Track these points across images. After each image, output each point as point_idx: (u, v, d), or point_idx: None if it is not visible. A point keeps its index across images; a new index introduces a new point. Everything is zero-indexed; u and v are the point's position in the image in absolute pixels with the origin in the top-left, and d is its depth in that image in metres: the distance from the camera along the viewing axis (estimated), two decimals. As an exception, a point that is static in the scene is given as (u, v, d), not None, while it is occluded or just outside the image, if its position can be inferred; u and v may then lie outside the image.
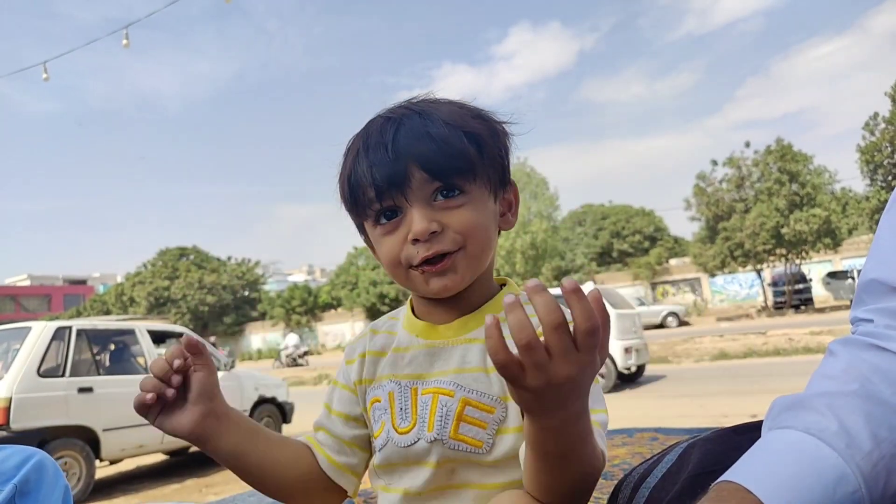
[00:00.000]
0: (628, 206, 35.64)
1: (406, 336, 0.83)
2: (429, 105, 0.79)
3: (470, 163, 0.74)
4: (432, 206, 0.74)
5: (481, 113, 0.80)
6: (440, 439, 0.75)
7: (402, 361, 0.82)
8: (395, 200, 0.74)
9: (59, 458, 4.98)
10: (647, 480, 0.63)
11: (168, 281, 35.10)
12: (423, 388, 0.79)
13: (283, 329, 35.28)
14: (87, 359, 5.61)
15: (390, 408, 0.81)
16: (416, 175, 0.72)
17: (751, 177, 22.48)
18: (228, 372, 6.67)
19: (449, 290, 0.76)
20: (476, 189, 0.75)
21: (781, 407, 0.55)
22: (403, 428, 0.78)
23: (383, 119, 0.77)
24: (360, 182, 0.75)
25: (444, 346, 0.79)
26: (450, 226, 0.73)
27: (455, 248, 0.73)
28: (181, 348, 0.75)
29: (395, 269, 0.77)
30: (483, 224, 0.75)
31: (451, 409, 0.75)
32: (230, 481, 5.53)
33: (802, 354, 10.56)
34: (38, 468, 0.83)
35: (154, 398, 0.73)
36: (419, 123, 0.74)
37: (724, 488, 0.49)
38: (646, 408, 6.47)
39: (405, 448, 0.77)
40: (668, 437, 2.43)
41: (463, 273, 0.75)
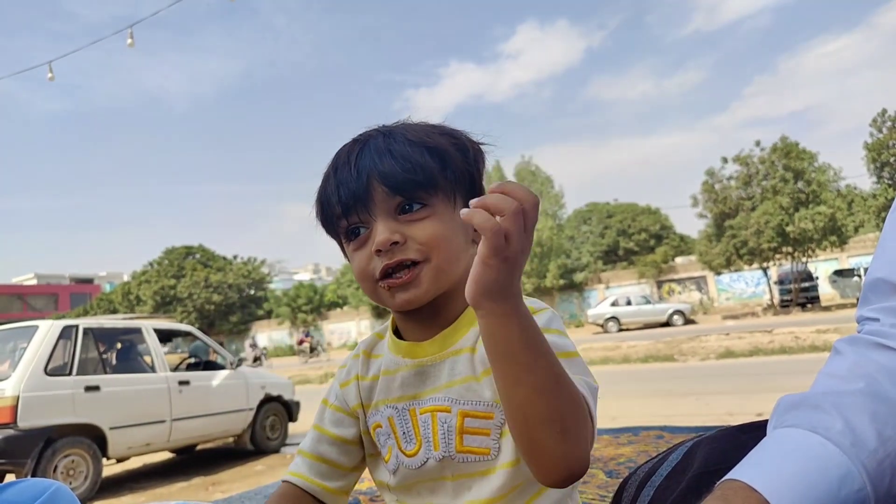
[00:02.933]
0: (634, 204, 35.52)
1: (392, 358, 0.83)
2: (397, 126, 0.82)
3: (431, 176, 0.76)
4: (397, 219, 0.76)
5: (452, 131, 0.82)
6: (448, 456, 0.77)
7: (394, 385, 0.83)
8: (361, 216, 0.77)
9: (66, 456, 5.01)
10: (653, 479, 0.63)
11: (174, 280, 35.22)
12: (420, 408, 0.80)
13: (288, 327, 35.36)
14: (93, 357, 5.64)
15: (393, 432, 0.82)
16: (378, 190, 0.75)
17: (758, 175, 22.38)
18: (235, 370, 6.69)
19: (412, 304, 0.77)
20: (440, 202, 0.77)
21: (787, 405, 0.55)
22: (410, 450, 0.80)
23: (352, 142, 0.81)
24: (329, 201, 0.79)
25: (431, 363, 0.80)
26: (413, 238, 0.75)
27: (419, 257, 0.75)
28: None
29: (364, 282, 0.79)
30: (447, 236, 0.76)
31: (451, 424, 0.77)
32: (236, 479, 5.56)
33: (808, 353, 10.51)
34: (54, 499, 0.84)
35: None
36: (382, 142, 0.77)
37: (729, 487, 0.49)
38: (651, 406, 6.45)
39: (417, 469, 0.79)
40: (674, 435, 2.43)
41: (427, 286, 0.75)
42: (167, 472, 6.30)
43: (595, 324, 23.04)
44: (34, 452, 4.81)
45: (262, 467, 6.03)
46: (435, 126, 0.83)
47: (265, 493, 2.13)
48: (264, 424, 6.82)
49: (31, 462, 4.76)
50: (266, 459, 6.42)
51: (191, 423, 6.04)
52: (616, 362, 12.32)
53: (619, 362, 12.30)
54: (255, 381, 6.90)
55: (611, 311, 23.05)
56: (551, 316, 0.77)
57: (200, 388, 6.25)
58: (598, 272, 30.72)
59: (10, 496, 0.82)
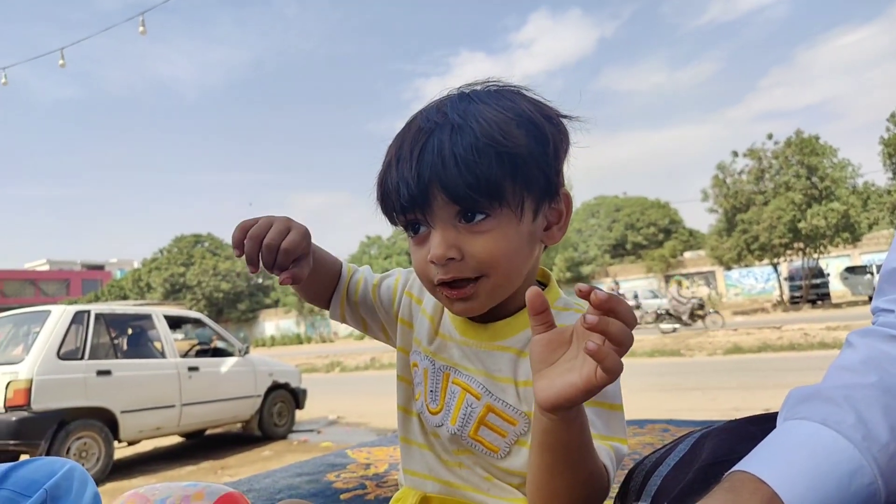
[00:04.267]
0: (643, 197, 35.33)
1: (448, 324, 0.84)
2: (471, 109, 0.72)
3: (496, 188, 0.69)
4: (456, 227, 0.71)
5: (532, 116, 0.73)
6: (459, 434, 0.79)
7: (438, 345, 0.84)
8: (418, 217, 0.73)
9: (78, 438, 5.08)
10: (660, 469, 0.63)
11: (183, 267, 35.46)
12: (454, 377, 0.81)
13: (295, 316, 35.52)
14: (105, 342, 5.70)
15: (424, 383, 0.84)
16: (437, 197, 0.70)
17: (770, 169, 22.16)
18: (243, 358, 6.74)
19: (470, 314, 0.76)
20: (504, 213, 0.71)
21: (797, 398, 0.55)
22: (433, 408, 0.82)
23: (417, 128, 0.74)
24: (390, 195, 0.74)
25: (475, 347, 0.80)
26: (472, 254, 0.71)
27: (475, 275, 0.72)
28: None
29: (423, 280, 0.77)
30: (508, 252, 0.72)
31: (474, 410, 0.78)
32: (244, 464, 5.61)
33: (818, 349, 10.45)
34: (69, 476, 0.86)
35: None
36: (448, 141, 0.70)
37: (737, 478, 0.49)
38: (656, 400, 6.45)
39: (435, 427, 0.82)
40: (680, 429, 2.43)
41: (484, 301, 0.74)
42: (177, 456, 6.37)
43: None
44: (48, 434, 4.88)
45: (269, 453, 6.08)
46: (514, 105, 0.73)
47: (274, 477, 2.15)
48: (272, 411, 6.88)
49: (45, 443, 4.83)
50: (273, 445, 6.47)
51: (200, 408, 6.10)
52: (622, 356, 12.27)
53: (626, 356, 12.25)
54: (263, 369, 6.95)
55: (618, 305, 22.91)
56: None
57: (209, 374, 6.30)
58: (606, 266, 30.63)
59: (26, 473, 0.83)
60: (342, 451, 2.59)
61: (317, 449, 5.85)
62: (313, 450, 5.83)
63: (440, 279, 0.72)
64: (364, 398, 9.18)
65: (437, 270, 0.72)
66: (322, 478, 2.08)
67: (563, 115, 0.77)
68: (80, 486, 0.87)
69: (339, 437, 6.59)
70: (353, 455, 2.46)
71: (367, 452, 2.50)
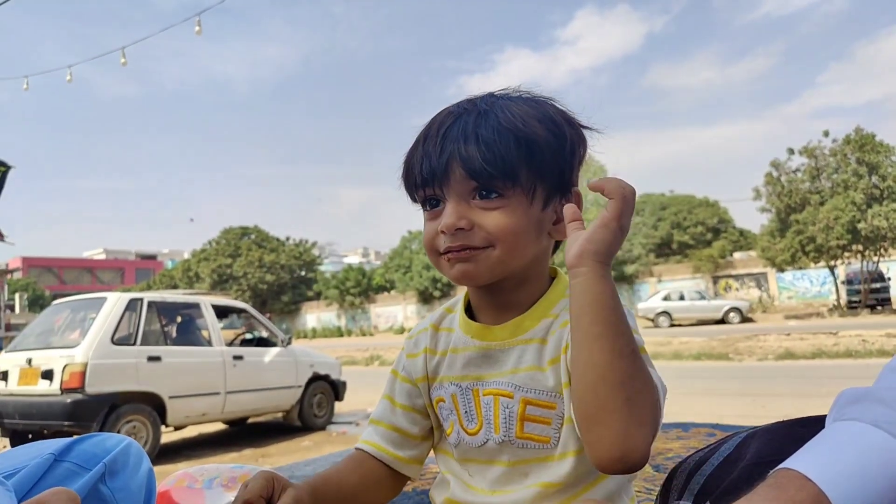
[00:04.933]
0: (691, 196, 34.43)
1: (461, 337, 0.84)
2: (498, 102, 0.79)
3: (511, 168, 0.74)
4: (469, 203, 0.76)
5: (554, 118, 0.79)
6: (508, 440, 0.78)
7: (459, 363, 0.84)
8: (436, 191, 0.77)
9: (128, 421, 5.29)
10: (703, 468, 0.61)
11: (230, 259, 36.43)
12: (483, 390, 0.81)
13: (336, 309, 36.10)
14: (156, 329, 5.91)
15: (455, 409, 0.83)
16: (456, 171, 0.75)
17: (828, 167, 21.27)
18: (285, 348, 6.88)
19: (468, 278, 0.78)
20: (517, 195, 0.75)
21: (848, 399, 0.52)
22: (471, 429, 0.81)
23: (447, 112, 0.81)
24: (412, 168, 0.80)
25: (499, 348, 0.80)
26: (481, 225, 0.75)
27: (483, 245, 0.75)
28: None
29: (429, 252, 0.81)
30: (516, 229, 0.75)
31: (512, 410, 0.78)
32: (284, 453, 5.74)
33: (876, 357, 9.99)
34: (126, 451, 0.90)
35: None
36: (473, 123, 0.76)
37: (782, 475, 0.47)
38: (703, 405, 6.28)
39: (478, 448, 0.81)
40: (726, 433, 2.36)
41: (483, 269, 0.76)
42: (220, 443, 6.56)
43: (645, 318, 22.50)
44: (99, 417, 5.09)
45: (308, 443, 6.20)
46: (539, 106, 0.80)
47: (314, 465, 2.19)
48: (312, 402, 7.01)
49: (97, 426, 5.04)
50: (313, 436, 6.60)
51: (243, 396, 6.26)
52: (666, 358, 12.02)
53: (670, 358, 12.01)
54: (304, 360, 7.08)
55: (662, 306, 22.47)
56: (628, 312, 0.75)
57: (253, 364, 6.46)
58: (650, 265, 30.01)
59: (87, 447, 0.88)
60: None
61: (355, 441, 5.88)
62: (351, 442, 5.91)
63: (448, 246, 0.76)
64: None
65: (445, 240, 0.76)
66: (359, 467, 2.10)
67: (585, 126, 0.82)
68: (136, 462, 0.91)
69: (377, 429, 6.66)
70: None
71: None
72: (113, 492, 0.84)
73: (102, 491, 0.83)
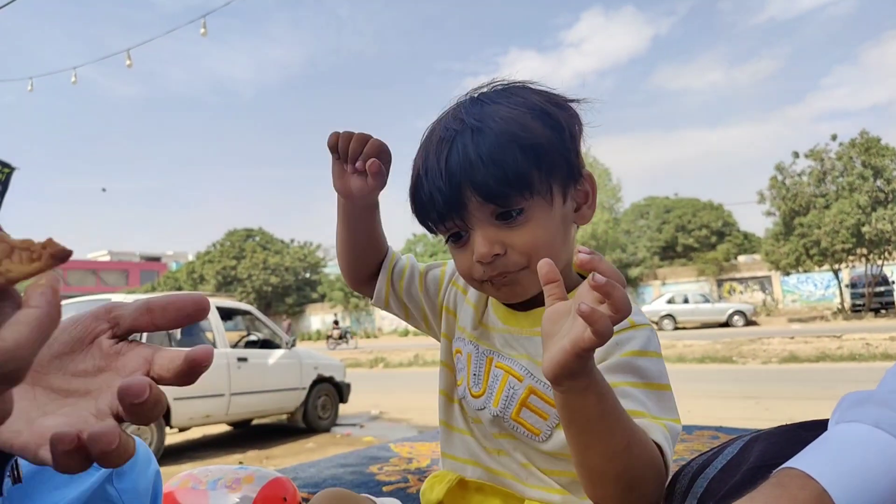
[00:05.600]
0: (695, 199, 34.35)
1: (491, 315, 0.86)
2: (485, 111, 0.76)
3: (525, 181, 0.73)
4: (496, 225, 0.74)
5: (544, 107, 0.77)
6: (501, 416, 0.80)
7: (482, 333, 0.86)
8: (457, 224, 0.76)
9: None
10: (706, 471, 0.62)
11: (235, 261, 36.50)
12: (497, 361, 0.83)
13: (341, 311, 36.11)
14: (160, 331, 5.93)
15: (467, 368, 0.85)
16: (472, 200, 0.74)
17: (833, 171, 21.21)
18: (289, 350, 6.90)
19: (515, 299, 0.79)
20: (537, 203, 0.74)
21: (851, 402, 0.53)
22: (475, 392, 0.84)
23: (439, 138, 0.78)
24: (425, 207, 0.78)
25: (518, 334, 0.82)
26: (514, 247, 0.74)
27: (517, 269, 0.75)
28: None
29: (470, 282, 0.81)
30: (547, 240, 0.75)
31: (516, 392, 0.79)
32: (288, 455, 5.75)
33: (880, 361, 9.95)
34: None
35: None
36: (471, 143, 0.73)
37: (785, 474, 0.48)
38: (706, 407, 6.26)
39: (476, 410, 0.84)
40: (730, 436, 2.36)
41: (527, 286, 0.76)
42: (224, 444, 6.58)
43: (649, 320, 22.44)
44: (104, 417, 5.11)
45: (312, 445, 6.21)
46: (525, 101, 0.77)
47: (318, 467, 2.20)
48: (316, 404, 7.02)
49: (102, 426, 5.06)
50: (317, 438, 6.60)
51: (248, 398, 6.28)
52: (670, 361, 11.99)
53: (674, 361, 11.98)
54: (309, 362, 7.09)
55: (666, 309, 22.43)
56: (650, 336, 0.74)
57: (257, 366, 6.48)
58: (655, 268, 29.94)
59: None
60: (385, 445, 2.62)
61: (359, 443, 5.93)
62: (356, 443, 5.91)
63: (489, 276, 0.75)
64: (407, 394, 9.26)
65: (483, 270, 0.75)
66: (365, 469, 2.11)
67: (571, 99, 0.80)
68: (145, 463, 0.91)
69: (381, 432, 6.66)
70: (395, 449, 2.48)
71: (410, 447, 2.52)
72: (120, 493, 0.84)
73: (109, 492, 0.83)
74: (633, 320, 0.73)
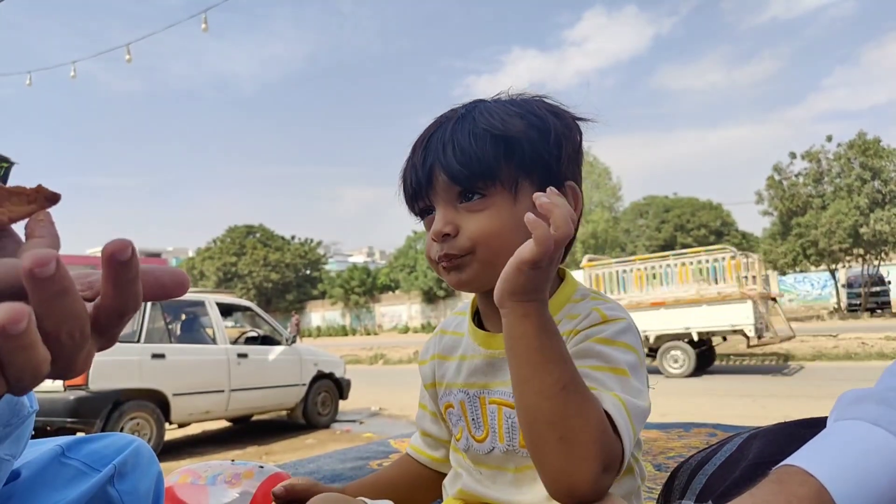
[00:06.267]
0: (694, 198, 34.37)
1: (469, 344, 0.85)
2: (480, 106, 0.80)
3: (488, 168, 0.75)
4: (456, 207, 0.77)
5: (536, 110, 0.78)
6: (512, 449, 0.78)
7: (467, 370, 0.84)
8: (427, 201, 0.79)
9: (132, 418, 5.31)
10: (705, 468, 0.63)
11: (235, 257, 36.47)
12: (489, 398, 0.81)
13: (341, 308, 36.13)
14: (160, 327, 5.93)
15: (464, 416, 0.84)
16: (439, 178, 0.77)
17: (830, 171, 21.23)
18: (290, 347, 6.90)
19: (462, 285, 0.79)
20: (499, 193, 0.75)
21: (850, 399, 0.54)
22: (479, 436, 0.82)
23: (433, 123, 0.82)
24: (405, 181, 0.82)
25: (502, 356, 0.79)
26: (465, 230, 0.75)
27: (462, 253, 0.76)
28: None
29: (429, 261, 0.82)
30: (498, 231, 0.75)
31: (514, 421, 0.78)
32: (288, 451, 5.76)
33: (876, 360, 9.98)
34: (136, 453, 0.88)
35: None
36: (451, 129, 0.77)
37: (784, 471, 0.49)
38: (703, 406, 6.29)
39: (485, 454, 0.81)
40: (727, 433, 2.37)
41: (472, 276, 0.77)
42: (224, 440, 6.59)
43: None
44: (103, 413, 5.11)
45: (312, 441, 6.22)
46: (524, 104, 0.80)
47: (318, 462, 2.21)
48: (316, 400, 7.02)
49: (100, 422, 5.06)
50: (317, 434, 6.61)
51: (247, 394, 6.28)
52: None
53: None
54: (309, 358, 7.10)
55: (665, 308, 22.44)
56: (626, 327, 0.74)
57: (257, 362, 6.48)
58: (654, 267, 29.94)
59: (96, 447, 0.86)
60: (385, 441, 2.63)
61: (359, 439, 5.95)
62: (356, 440, 5.93)
63: (438, 255, 0.77)
64: (407, 391, 9.27)
65: (438, 247, 0.77)
66: (366, 465, 2.12)
67: (578, 117, 0.82)
68: (147, 464, 0.90)
69: (381, 428, 6.68)
70: (395, 445, 2.50)
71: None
72: (121, 494, 0.83)
73: (110, 493, 0.82)
74: (605, 315, 0.73)
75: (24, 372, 0.32)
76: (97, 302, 0.36)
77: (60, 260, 0.32)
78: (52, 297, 0.32)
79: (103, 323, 0.36)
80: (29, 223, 0.37)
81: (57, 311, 0.33)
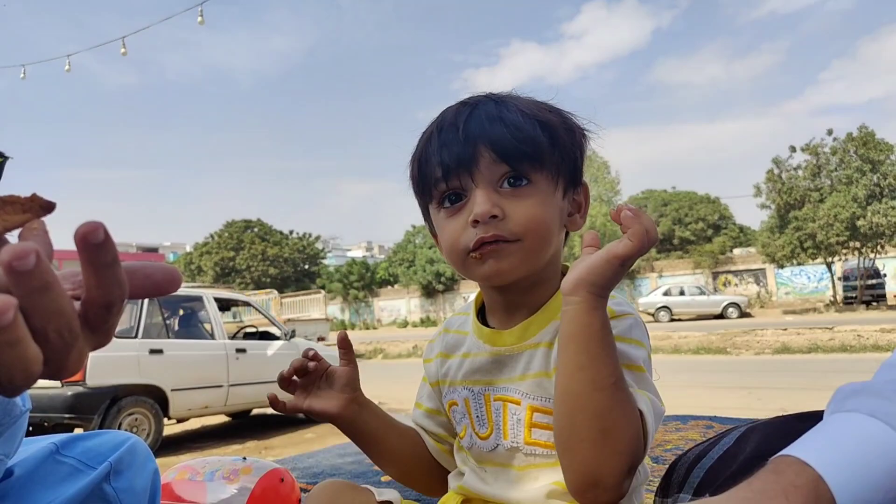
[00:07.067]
0: (692, 192, 34.42)
1: (474, 342, 0.84)
2: (507, 96, 0.80)
3: (540, 151, 0.73)
4: (498, 191, 0.73)
5: (560, 111, 0.80)
6: (516, 446, 0.78)
7: (471, 367, 0.83)
8: (462, 181, 0.74)
9: (130, 414, 5.31)
10: (703, 461, 0.63)
11: (233, 252, 36.41)
12: (494, 395, 0.81)
13: (340, 303, 36.12)
14: (158, 322, 5.93)
15: (468, 413, 0.83)
16: (484, 156, 0.72)
17: (829, 165, 21.25)
18: (288, 341, 6.90)
19: (500, 276, 0.74)
20: (544, 181, 0.74)
21: (846, 392, 0.54)
22: (483, 434, 0.81)
23: (459, 104, 0.79)
24: (430, 161, 0.76)
25: (508, 353, 0.80)
26: (512, 215, 0.72)
27: (512, 238, 0.72)
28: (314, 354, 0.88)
29: (453, 254, 0.76)
30: (546, 219, 0.73)
31: (520, 417, 0.77)
32: (287, 445, 5.77)
33: (871, 352, 10.02)
34: (132, 451, 0.88)
35: (292, 372, 0.85)
36: (493, 108, 0.75)
37: (781, 461, 0.49)
38: (700, 398, 6.31)
39: (490, 451, 0.81)
40: (724, 426, 2.38)
41: (515, 264, 0.73)
42: (223, 435, 6.60)
43: (646, 312, 22.56)
44: (101, 409, 5.11)
45: (311, 435, 6.24)
46: (543, 103, 0.80)
47: (317, 457, 2.21)
48: (315, 395, 7.02)
49: (98, 418, 5.06)
50: (316, 428, 6.63)
51: (246, 388, 6.28)
52: (666, 352, 12.06)
53: (669, 352, 12.05)
54: (307, 353, 7.09)
55: (662, 301, 22.52)
56: (634, 323, 0.74)
57: (256, 357, 6.49)
58: (651, 260, 29.99)
59: (92, 445, 0.86)
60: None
61: (357, 433, 5.95)
62: (353, 434, 5.94)
63: (480, 238, 0.72)
64: (406, 385, 9.27)
65: (475, 233, 0.72)
66: (364, 459, 2.13)
67: (583, 126, 0.83)
68: (142, 462, 0.90)
69: (378, 422, 6.69)
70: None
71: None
72: (117, 492, 0.83)
73: (106, 490, 0.82)
74: (613, 310, 0.72)
75: (16, 370, 0.32)
76: (83, 297, 0.35)
77: (41, 254, 0.31)
78: (35, 293, 0.32)
79: (92, 318, 0.35)
80: (23, 232, 0.37)
81: (41, 308, 0.32)
